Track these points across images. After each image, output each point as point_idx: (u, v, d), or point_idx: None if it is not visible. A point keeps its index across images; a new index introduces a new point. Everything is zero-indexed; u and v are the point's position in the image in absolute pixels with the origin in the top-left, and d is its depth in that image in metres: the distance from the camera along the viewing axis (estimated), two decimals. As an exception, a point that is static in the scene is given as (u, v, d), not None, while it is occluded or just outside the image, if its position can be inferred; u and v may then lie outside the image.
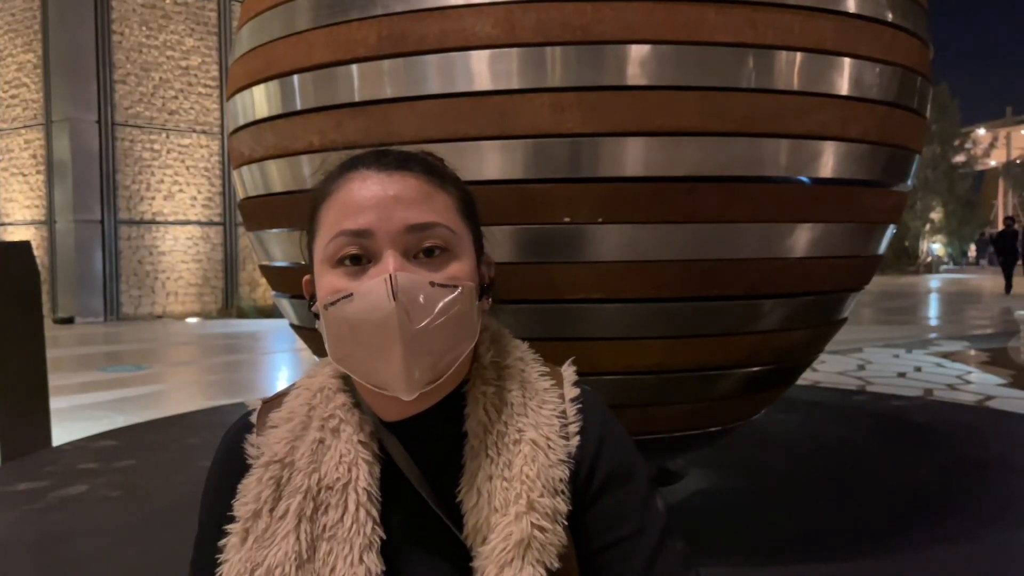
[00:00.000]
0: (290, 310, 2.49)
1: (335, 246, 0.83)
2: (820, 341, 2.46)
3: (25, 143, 13.69)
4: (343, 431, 0.86)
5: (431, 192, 0.85)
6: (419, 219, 0.83)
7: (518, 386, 0.89)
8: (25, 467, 3.32)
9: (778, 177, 2.00)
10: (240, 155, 2.39)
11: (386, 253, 0.81)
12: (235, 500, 0.85)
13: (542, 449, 0.85)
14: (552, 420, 0.87)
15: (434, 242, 0.83)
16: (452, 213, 0.86)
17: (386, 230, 0.82)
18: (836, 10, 1.99)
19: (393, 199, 0.83)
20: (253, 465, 0.86)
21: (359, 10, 1.96)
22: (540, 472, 0.83)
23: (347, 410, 0.88)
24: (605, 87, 1.85)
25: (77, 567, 2.29)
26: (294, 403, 0.90)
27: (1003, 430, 3.93)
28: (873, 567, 2.16)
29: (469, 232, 0.88)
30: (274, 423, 0.89)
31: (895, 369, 6.87)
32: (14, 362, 3.77)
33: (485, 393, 0.88)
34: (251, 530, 0.83)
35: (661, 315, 2.00)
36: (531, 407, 0.88)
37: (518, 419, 0.87)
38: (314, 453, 0.85)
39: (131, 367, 7.69)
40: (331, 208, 0.86)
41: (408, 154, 0.89)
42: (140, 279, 13.69)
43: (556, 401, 0.89)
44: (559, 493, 0.83)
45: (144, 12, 13.70)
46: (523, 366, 0.92)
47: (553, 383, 0.91)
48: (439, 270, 0.83)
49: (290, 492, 0.83)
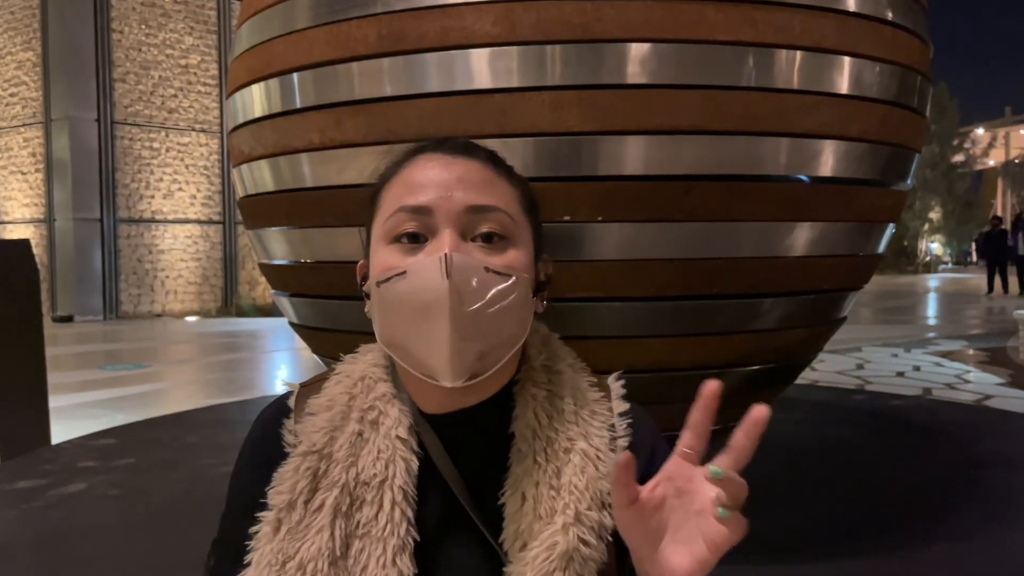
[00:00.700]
0: (289, 308, 2.49)
1: (393, 222, 0.82)
2: (819, 340, 2.46)
3: (24, 141, 13.68)
4: (382, 424, 0.84)
5: (494, 179, 0.85)
6: (480, 200, 0.81)
7: (569, 393, 0.87)
8: (24, 465, 3.32)
9: (778, 176, 2.00)
10: (240, 153, 2.39)
11: (443, 232, 0.80)
12: (269, 487, 0.83)
13: (592, 461, 0.83)
14: (603, 432, 0.85)
15: (492, 227, 0.81)
16: (513, 203, 0.85)
17: (446, 209, 0.80)
18: (836, 9, 1.99)
19: (456, 180, 0.82)
20: (290, 453, 0.84)
21: (359, 8, 1.96)
22: (589, 484, 0.81)
23: (387, 401, 0.86)
24: (605, 85, 1.84)
25: (76, 565, 2.28)
26: (334, 390, 0.88)
27: (1002, 429, 3.93)
28: (872, 566, 2.16)
29: (529, 226, 0.87)
30: (313, 410, 0.86)
31: (894, 368, 6.87)
32: (13, 360, 3.77)
33: (536, 396, 0.86)
34: (284, 521, 0.81)
35: (660, 314, 2.00)
36: (582, 416, 0.86)
37: (569, 427, 0.85)
38: (352, 446, 0.83)
39: (130, 366, 7.69)
40: (393, 188, 0.85)
41: (473, 143, 0.88)
42: (139, 277, 13.68)
43: (606, 413, 0.88)
44: (606, 507, 0.81)
45: (143, 10, 13.69)
46: (574, 373, 0.90)
47: (602, 395, 0.90)
48: (495, 256, 0.81)
49: (327, 485, 0.81)
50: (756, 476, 0.71)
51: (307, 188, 2.16)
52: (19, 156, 13.80)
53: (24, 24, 13.57)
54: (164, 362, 8.39)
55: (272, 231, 2.37)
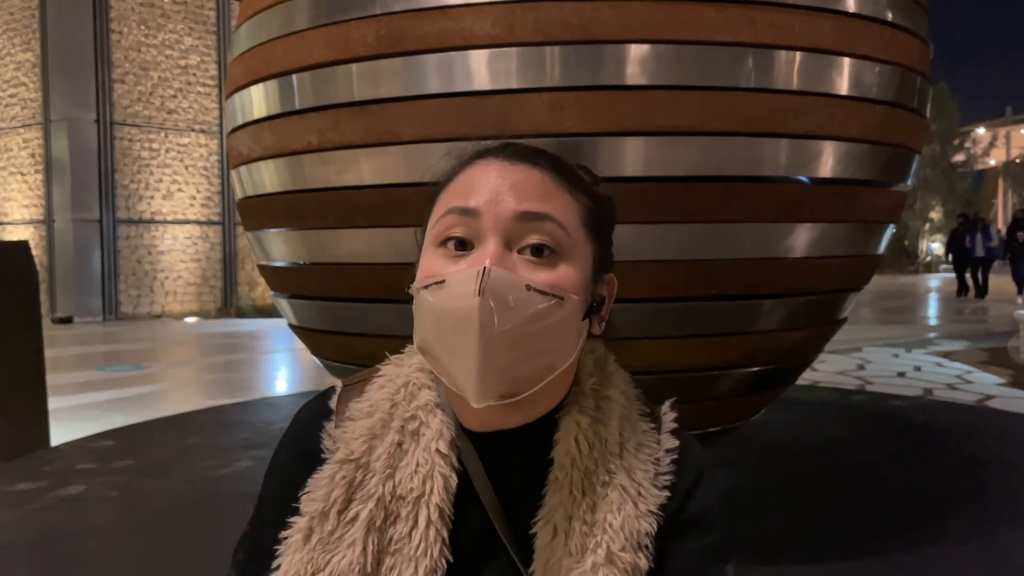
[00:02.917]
0: (289, 310, 2.48)
1: (443, 224, 0.78)
2: (820, 341, 2.45)
3: (23, 142, 13.67)
4: (423, 435, 0.81)
5: (554, 190, 0.80)
6: (531, 207, 0.77)
7: (616, 423, 0.83)
8: (23, 467, 3.32)
9: (777, 177, 1.99)
10: (239, 154, 2.39)
11: (489, 239, 0.76)
12: (303, 492, 0.80)
13: (631, 498, 0.79)
14: (647, 466, 0.81)
15: (542, 238, 0.76)
16: (571, 216, 0.80)
17: (494, 213, 0.76)
18: (836, 9, 1.99)
19: (510, 185, 0.78)
20: (327, 459, 0.82)
21: (358, 9, 1.96)
22: (625, 523, 0.77)
23: (429, 411, 0.82)
24: (604, 86, 1.84)
25: (75, 567, 2.28)
26: (377, 395, 0.84)
27: (1003, 429, 3.93)
28: (873, 566, 2.16)
29: (590, 243, 0.82)
30: (353, 415, 0.83)
31: (895, 369, 6.86)
32: (12, 362, 3.76)
33: (579, 423, 0.81)
34: (316, 530, 0.78)
35: (660, 315, 2.00)
36: (628, 448, 0.82)
37: (611, 459, 0.80)
38: (391, 457, 0.80)
39: (130, 367, 7.68)
40: (449, 190, 0.81)
41: (540, 149, 0.83)
42: (139, 278, 13.67)
43: (653, 446, 0.83)
44: (642, 548, 0.77)
45: (143, 11, 13.67)
46: (624, 400, 0.85)
47: (653, 426, 0.85)
48: (542, 271, 0.76)
49: (362, 497, 0.79)
50: (758, 477, 0.70)
51: (306, 189, 2.15)
52: (18, 157, 13.79)
53: (23, 25, 13.56)
54: (163, 363, 8.38)
55: (271, 232, 2.37)
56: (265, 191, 2.30)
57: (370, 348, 1.94)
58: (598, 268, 0.84)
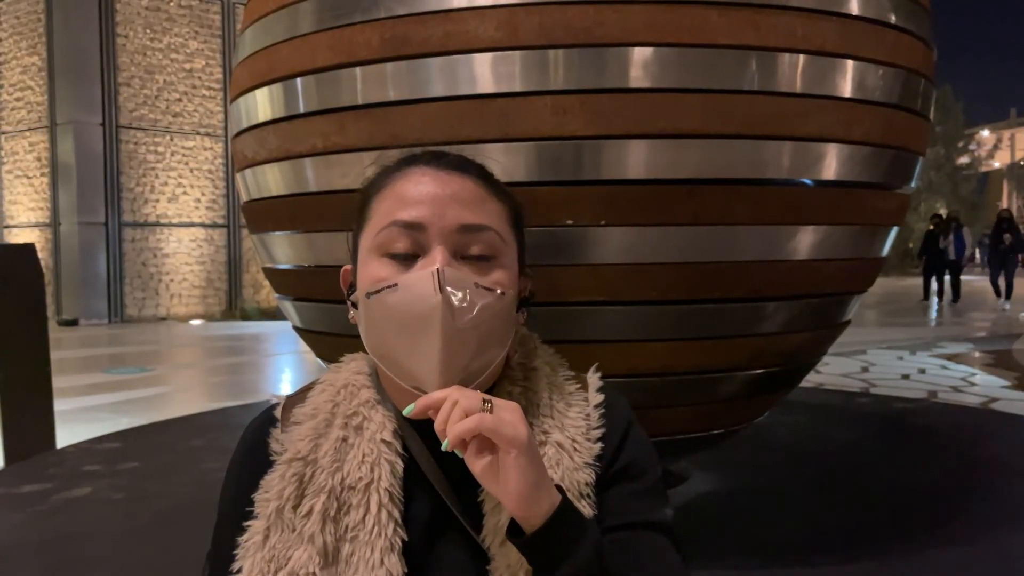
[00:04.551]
0: (293, 312, 2.49)
1: (386, 235, 0.84)
2: (823, 343, 2.45)
3: (30, 146, 13.72)
4: (366, 428, 0.85)
5: (485, 197, 0.87)
6: (473, 220, 0.84)
7: (545, 387, 0.90)
8: (29, 469, 3.33)
9: (781, 179, 1.99)
10: (243, 158, 2.39)
11: (435, 248, 0.82)
12: (256, 494, 0.84)
13: (567, 452, 0.85)
14: (579, 422, 0.87)
15: (482, 249, 0.84)
16: (503, 221, 0.88)
17: (439, 226, 0.82)
18: (839, 12, 1.99)
19: (449, 197, 0.84)
20: (276, 462, 0.85)
21: (362, 13, 1.97)
22: (564, 476, 0.83)
23: (371, 407, 0.87)
24: (607, 89, 1.84)
25: (81, 569, 2.29)
26: (318, 399, 0.89)
27: (1007, 432, 3.92)
28: (877, 570, 2.16)
29: (515, 242, 0.90)
30: (298, 419, 0.88)
31: (899, 371, 6.85)
32: (18, 364, 3.78)
33: (511, 393, 0.88)
34: (273, 528, 0.82)
35: (664, 317, 2.00)
36: (558, 408, 0.88)
37: (544, 420, 0.87)
38: (337, 451, 0.84)
39: (135, 369, 7.70)
40: (385, 199, 0.86)
41: (466, 158, 0.90)
42: (144, 281, 13.70)
43: (582, 404, 0.90)
44: (584, 497, 0.83)
45: (148, 15, 13.72)
46: (549, 370, 0.92)
47: (579, 387, 0.92)
48: (484, 275, 0.83)
49: (314, 491, 0.82)
50: (761, 480, 0.70)
51: (310, 192, 2.16)
52: (24, 160, 13.84)
53: (29, 29, 13.61)
54: (168, 365, 8.40)
55: (276, 235, 2.38)
56: (270, 194, 2.31)
57: (374, 350, 1.95)
58: (522, 263, 0.92)
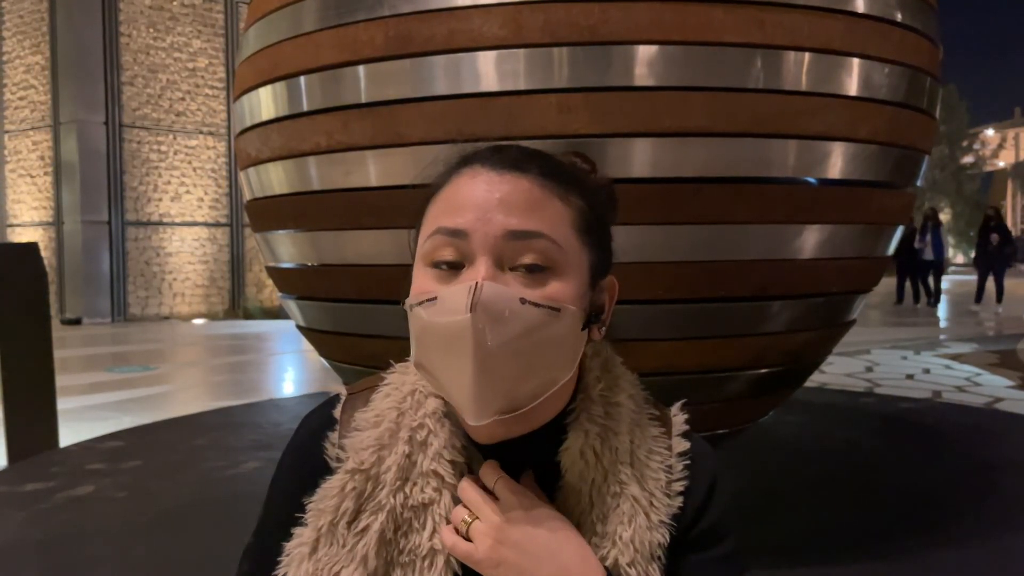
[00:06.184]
0: (296, 311, 2.49)
1: (431, 244, 0.76)
2: (828, 343, 2.44)
3: (33, 144, 13.74)
4: (431, 444, 0.79)
5: (543, 199, 0.76)
6: (521, 226, 0.74)
7: (627, 430, 0.80)
8: (32, 468, 3.33)
9: (786, 178, 1.99)
10: (247, 156, 2.39)
11: (479, 259, 0.73)
12: (310, 500, 0.79)
13: (643, 509, 0.77)
14: (659, 475, 0.79)
15: (535, 258, 0.74)
16: (564, 226, 0.77)
17: (483, 233, 0.73)
18: (845, 10, 1.98)
19: (497, 201, 0.74)
20: (335, 469, 0.80)
21: (366, 11, 1.96)
22: (636, 535, 0.76)
23: (437, 419, 0.80)
24: (612, 88, 1.84)
25: (83, 567, 2.29)
26: (382, 404, 0.82)
27: (1012, 432, 3.91)
28: (881, 569, 2.15)
29: (584, 250, 0.79)
30: (359, 425, 0.82)
31: (903, 371, 6.84)
32: (22, 363, 3.78)
33: (588, 433, 0.79)
34: (322, 541, 0.77)
35: (668, 316, 1.99)
36: (639, 456, 0.80)
37: (621, 469, 0.79)
38: (401, 468, 0.78)
39: (138, 368, 7.71)
40: (436, 204, 0.79)
41: (529, 153, 0.80)
42: (147, 280, 13.71)
43: (664, 452, 0.81)
44: (654, 560, 0.76)
45: (151, 14, 13.73)
46: (634, 406, 0.83)
47: (663, 431, 0.83)
48: (536, 287, 0.73)
49: (373, 508, 0.77)
50: (766, 479, 0.70)
51: (314, 191, 2.16)
52: (28, 159, 13.86)
53: (33, 28, 13.63)
54: (171, 364, 8.40)
55: (279, 234, 2.37)
56: (273, 193, 2.31)
57: (378, 349, 1.94)
58: (595, 274, 0.82)
